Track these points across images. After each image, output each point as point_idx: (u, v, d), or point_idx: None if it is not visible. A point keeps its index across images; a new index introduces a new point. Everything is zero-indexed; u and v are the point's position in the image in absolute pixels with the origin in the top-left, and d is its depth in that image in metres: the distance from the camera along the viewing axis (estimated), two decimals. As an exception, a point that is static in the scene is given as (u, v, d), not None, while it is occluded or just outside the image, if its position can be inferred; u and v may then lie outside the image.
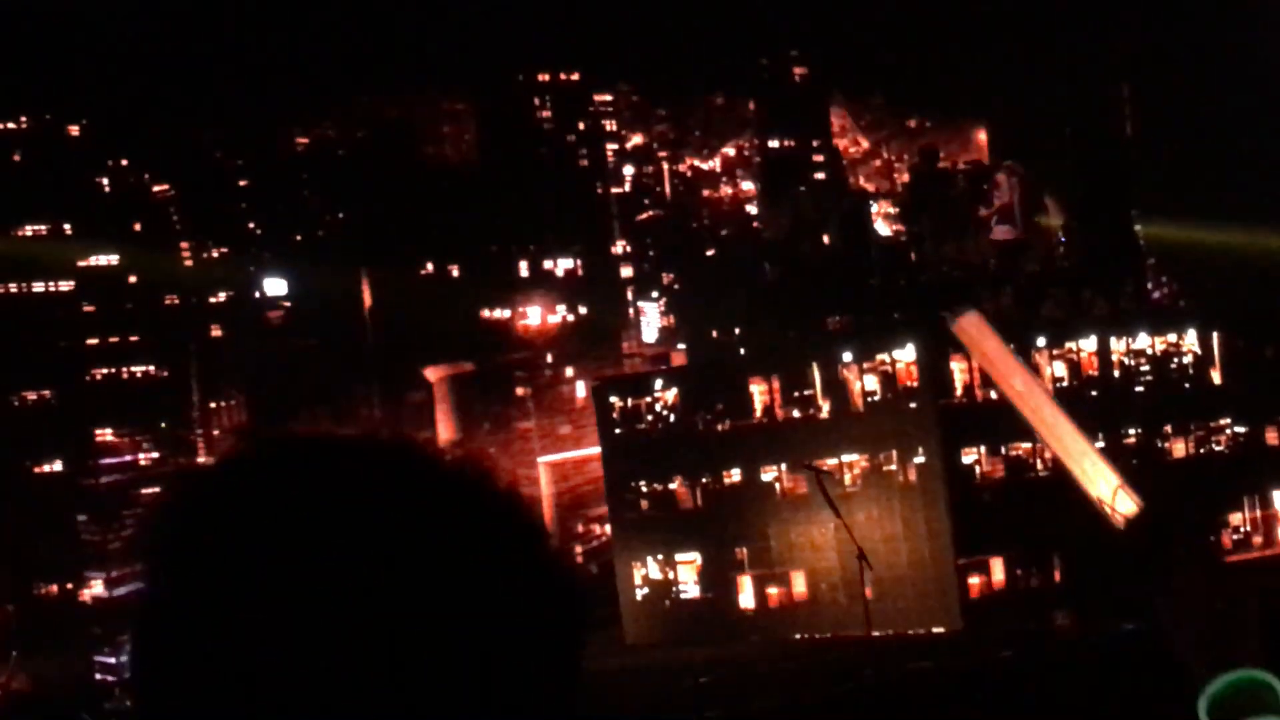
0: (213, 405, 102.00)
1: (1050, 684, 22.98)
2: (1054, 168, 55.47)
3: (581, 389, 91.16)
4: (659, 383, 57.64)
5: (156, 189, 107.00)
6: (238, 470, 1.67)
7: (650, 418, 57.50)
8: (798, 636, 54.78)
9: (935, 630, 52.22)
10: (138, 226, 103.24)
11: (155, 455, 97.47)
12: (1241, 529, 59.60)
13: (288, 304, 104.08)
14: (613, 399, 58.05)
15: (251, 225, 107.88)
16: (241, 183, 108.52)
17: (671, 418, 56.94)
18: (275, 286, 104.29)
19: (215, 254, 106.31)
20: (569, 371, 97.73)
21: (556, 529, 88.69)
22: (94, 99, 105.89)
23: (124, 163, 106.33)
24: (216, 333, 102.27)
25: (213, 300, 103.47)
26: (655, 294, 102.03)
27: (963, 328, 5.34)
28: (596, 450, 63.32)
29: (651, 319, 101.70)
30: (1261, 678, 2.96)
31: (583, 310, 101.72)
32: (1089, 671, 23.66)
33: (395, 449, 1.71)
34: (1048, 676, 24.27)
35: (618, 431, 57.76)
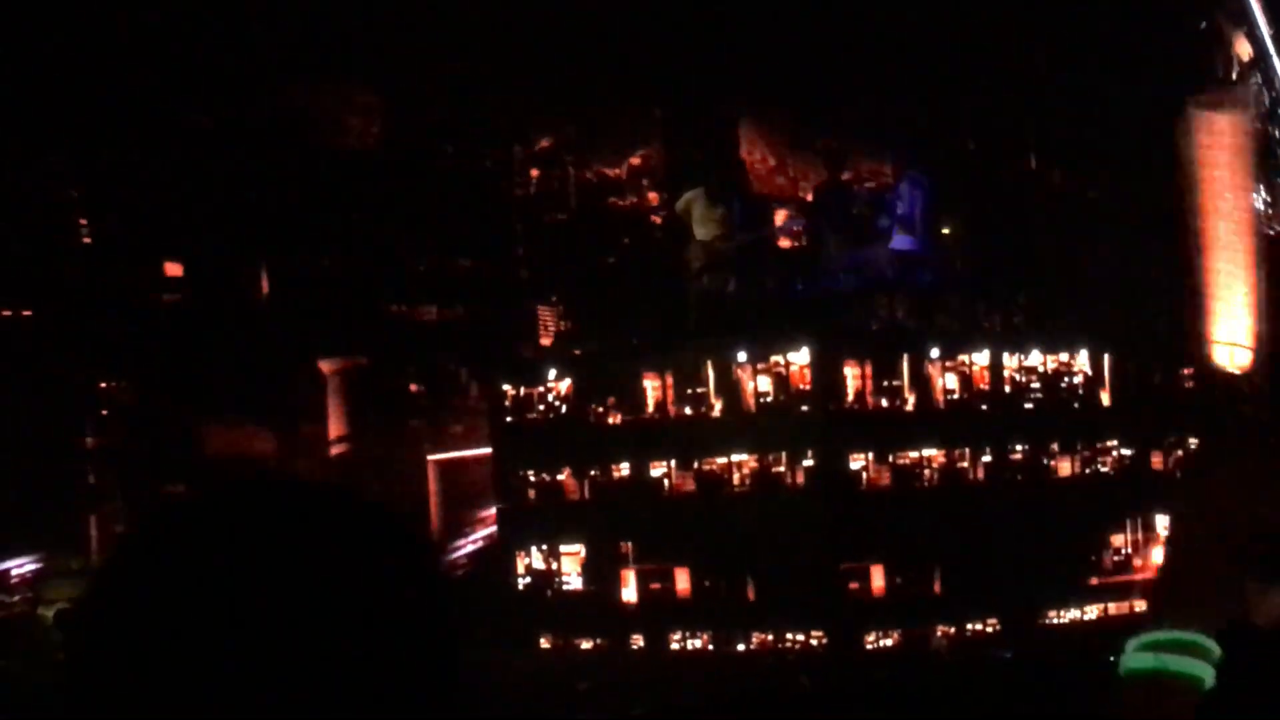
0: (101, 386, 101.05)
1: (930, 705, 23.18)
2: (957, 180, 55.98)
3: (475, 390, 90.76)
4: (553, 371, 57.54)
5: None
6: (194, 514, 2.07)
7: (542, 407, 57.36)
8: (675, 642, 54.90)
9: (813, 637, 52.37)
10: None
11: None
12: (1123, 551, 59.97)
13: (186, 288, 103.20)
14: (505, 386, 57.86)
15: (152, 206, 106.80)
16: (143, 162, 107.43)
17: (564, 408, 56.80)
18: (173, 269, 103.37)
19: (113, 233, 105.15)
20: (463, 371, 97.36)
21: (440, 526, 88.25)
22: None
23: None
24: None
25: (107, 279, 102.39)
26: (554, 298, 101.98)
27: (1217, 124, 4.93)
28: (486, 450, 63.15)
29: (549, 323, 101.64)
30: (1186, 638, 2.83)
31: (480, 310, 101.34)
32: (970, 697, 23.92)
33: (315, 495, 2.11)
34: (928, 698, 24.48)
35: (509, 420, 57.56)
